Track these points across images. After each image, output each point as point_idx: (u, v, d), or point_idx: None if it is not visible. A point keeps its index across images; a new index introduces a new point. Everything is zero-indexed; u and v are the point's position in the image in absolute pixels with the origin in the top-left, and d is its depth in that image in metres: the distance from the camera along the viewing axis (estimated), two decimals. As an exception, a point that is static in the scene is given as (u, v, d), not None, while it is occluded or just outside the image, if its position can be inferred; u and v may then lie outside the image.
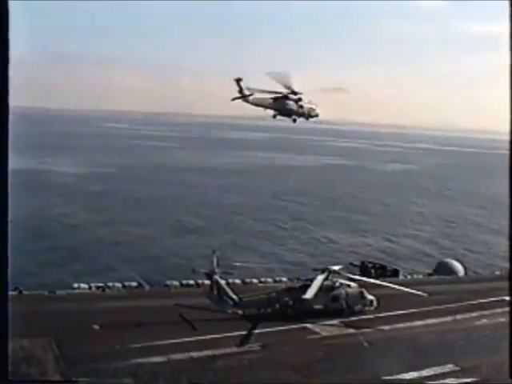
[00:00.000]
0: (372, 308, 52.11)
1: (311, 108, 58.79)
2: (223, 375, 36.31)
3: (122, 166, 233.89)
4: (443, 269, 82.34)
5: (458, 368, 39.08)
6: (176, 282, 61.31)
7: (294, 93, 56.22)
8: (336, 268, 54.19)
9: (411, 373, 37.55)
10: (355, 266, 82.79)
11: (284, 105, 57.14)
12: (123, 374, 34.72)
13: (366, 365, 39.55)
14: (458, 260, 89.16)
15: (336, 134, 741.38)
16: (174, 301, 51.62)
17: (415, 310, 52.45)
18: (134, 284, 60.16)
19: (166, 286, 60.82)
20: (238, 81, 53.84)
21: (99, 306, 50.16)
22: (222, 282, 50.53)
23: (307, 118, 59.37)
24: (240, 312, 49.17)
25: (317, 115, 59.82)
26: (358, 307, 51.77)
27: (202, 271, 52.33)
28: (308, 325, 47.80)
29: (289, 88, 55.54)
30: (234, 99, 54.62)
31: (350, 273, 62.29)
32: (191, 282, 61.18)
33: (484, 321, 52.13)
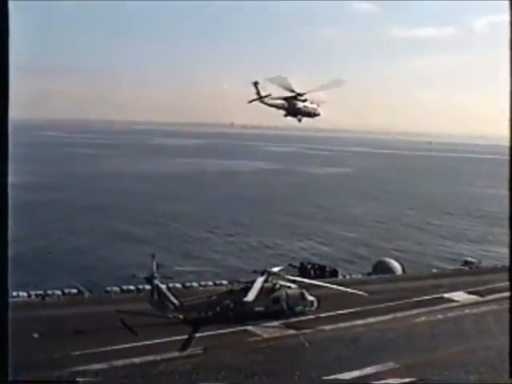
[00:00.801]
0: (312, 308, 52.40)
1: (314, 108, 63.48)
2: (165, 380, 36.05)
3: (56, 175, 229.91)
4: (381, 268, 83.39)
5: (398, 366, 39.58)
6: (116, 288, 60.80)
7: (299, 94, 60.59)
8: (276, 270, 54.41)
9: (353, 372, 37.84)
10: (295, 267, 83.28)
11: (294, 105, 61.72)
12: (65, 382, 34.25)
13: (308, 365, 39.70)
14: (395, 259, 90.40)
15: (274, 139, 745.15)
16: (114, 307, 51.06)
17: (355, 310, 52.93)
18: (74, 291, 59.40)
19: (107, 292, 60.24)
20: (256, 84, 58.67)
21: (39, 314, 49.30)
22: (163, 286, 50.25)
23: (311, 117, 63.92)
24: (181, 316, 48.90)
25: (319, 114, 64.38)
26: (299, 308, 52.02)
27: (142, 276, 51.95)
28: (249, 327, 47.83)
29: (292, 91, 59.87)
30: (252, 101, 59.16)
31: (290, 274, 62.62)
32: (132, 287, 60.76)
33: (423, 318, 52.92)
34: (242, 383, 35.96)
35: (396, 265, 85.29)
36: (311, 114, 63.98)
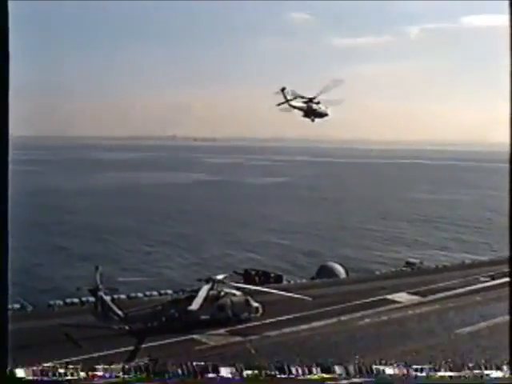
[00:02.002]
0: (258, 315, 52.60)
1: (325, 109, 70.93)
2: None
3: None
4: (325, 272, 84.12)
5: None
6: (60, 302, 60.06)
7: (311, 99, 68.98)
8: (220, 277, 54.48)
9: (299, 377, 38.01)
10: (239, 274, 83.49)
11: (310, 107, 69.56)
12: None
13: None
14: (338, 263, 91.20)
15: (214, 151, 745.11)
16: (58, 320, 50.53)
17: (300, 314, 53.27)
18: (17, 306, 58.40)
19: (50, 305, 59.47)
20: (283, 90, 66.63)
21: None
22: (107, 298, 49.84)
23: (322, 117, 71.54)
24: (126, 327, 48.55)
25: (327, 114, 71.67)
26: (244, 315, 52.16)
27: (85, 288, 51.45)
28: (195, 336, 47.76)
29: (302, 97, 68.57)
30: (280, 104, 67.40)
31: (235, 281, 62.75)
32: (75, 300, 60.09)
33: (367, 320, 53.54)
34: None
35: (339, 268, 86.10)
36: (322, 115, 71.31)
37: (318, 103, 70.02)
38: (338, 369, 33.56)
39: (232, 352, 44.57)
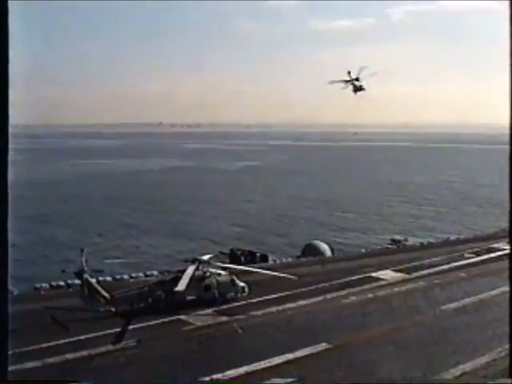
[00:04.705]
0: (244, 294, 52.71)
1: (363, 85, 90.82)
2: (100, 374, 35.79)
3: None
4: (311, 250, 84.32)
5: (330, 345, 40.22)
6: (46, 284, 59.91)
7: (357, 78, 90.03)
8: (206, 257, 54.56)
9: (286, 355, 38.27)
10: (224, 254, 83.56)
11: (358, 82, 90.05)
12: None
13: (241, 350, 40.00)
14: (324, 241, 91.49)
15: (198, 137, 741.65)
16: (44, 303, 50.37)
17: (286, 293, 53.39)
18: None
19: (36, 289, 59.31)
20: (349, 72, 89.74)
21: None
22: (93, 280, 49.74)
23: (362, 91, 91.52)
24: (113, 309, 48.42)
25: (364, 89, 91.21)
26: (231, 295, 52.25)
27: (71, 271, 51.34)
28: (182, 316, 47.79)
29: (349, 72, 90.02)
30: (347, 81, 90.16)
31: (220, 261, 62.85)
32: (61, 283, 59.94)
33: (352, 298, 53.80)
34: (179, 372, 35.90)
35: (325, 247, 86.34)
36: (362, 89, 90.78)
37: (357, 80, 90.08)
38: None
39: (219, 332, 44.77)
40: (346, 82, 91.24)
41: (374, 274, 62.51)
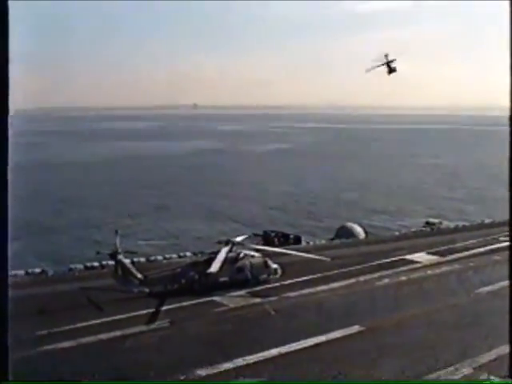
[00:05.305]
0: (277, 276, 52.75)
1: (395, 67, 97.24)
2: (133, 354, 36.07)
3: None
4: (344, 233, 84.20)
5: (363, 328, 40.11)
6: (80, 266, 60.49)
7: (392, 60, 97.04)
8: (239, 239, 54.66)
9: (319, 337, 38.22)
10: (258, 235, 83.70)
11: (393, 65, 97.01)
12: (33, 362, 34.04)
13: (274, 332, 40.05)
14: (358, 223, 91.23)
15: (234, 119, 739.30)
16: (79, 284, 50.91)
17: (319, 275, 53.38)
18: (38, 270, 58.91)
19: (71, 269, 59.93)
20: (386, 55, 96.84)
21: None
22: (126, 261, 50.14)
23: (395, 72, 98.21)
24: (146, 290, 48.80)
25: (396, 71, 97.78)
26: (263, 276, 52.31)
27: (105, 252, 51.74)
28: (215, 298, 48.00)
29: (386, 55, 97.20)
30: (383, 64, 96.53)
31: (254, 243, 62.95)
32: (95, 264, 60.45)
33: (386, 280, 53.59)
34: (211, 353, 36.03)
35: (359, 229, 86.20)
36: (395, 71, 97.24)
37: (392, 62, 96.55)
38: None
39: (251, 313, 44.86)
40: (382, 65, 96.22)
41: (407, 257, 62.20)
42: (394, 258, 61.10)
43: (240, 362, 34.18)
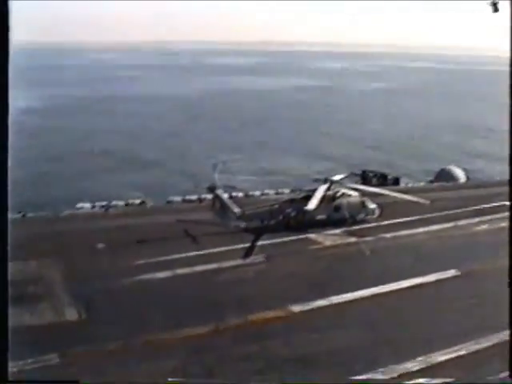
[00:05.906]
0: (374, 216, 52.55)
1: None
2: (229, 287, 36.73)
3: (94, 98, 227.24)
4: (444, 175, 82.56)
5: (459, 273, 39.63)
6: (178, 198, 61.62)
7: None
8: (337, 178, 54.37)
9: (415, 279, 38.04)
10: (356, 175, 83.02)
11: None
12: (131, 290, 35.20)
13: (368, 272, 40.04)
14: (459, 166, 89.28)
15: (335, 56, 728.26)
16: (176, 216, 52.05)
17: (416, 218, 52.86)
18: (137, 202, 60.39)
19: (169, 202, 61.16)
20: None
21: (103, 225, 50.36)
22: (224, 195, 50.78)
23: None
24: (243, 225, 49.42)
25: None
26: (360, 216, 52.17)
27: (204, 186, 52.49)
28: (311, 235, 48.24)
29: None
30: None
31: (352, 182, 62.58)
32: (193, 197, 61.46)
33: (484, 226, 52.60)
34: (306, 290, 36.31)
35: (460, 172, 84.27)
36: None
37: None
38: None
39: (346, 252, 44.95)
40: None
41: (508, 203, 60.54)
42: (495, 204, 59.57)
43: (334, 299, 34.46)
